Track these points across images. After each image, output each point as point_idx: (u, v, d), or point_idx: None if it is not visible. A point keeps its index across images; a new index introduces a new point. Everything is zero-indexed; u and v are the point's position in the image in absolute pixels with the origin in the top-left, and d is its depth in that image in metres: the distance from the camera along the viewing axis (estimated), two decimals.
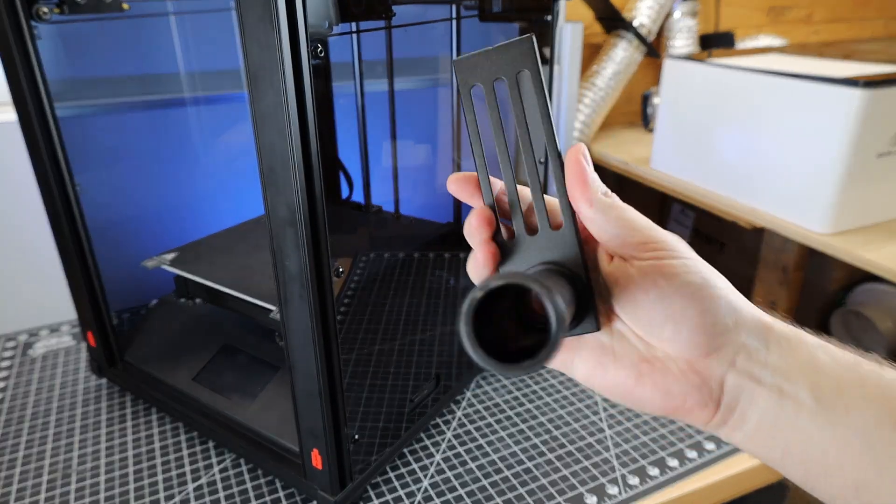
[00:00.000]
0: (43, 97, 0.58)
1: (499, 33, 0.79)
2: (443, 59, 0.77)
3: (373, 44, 0.75)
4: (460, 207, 0.84)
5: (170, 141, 0.85)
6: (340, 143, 0.85)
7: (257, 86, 0.39)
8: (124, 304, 0.81)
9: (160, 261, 0.71)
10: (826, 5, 1.61)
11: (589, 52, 1.32)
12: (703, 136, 1.04)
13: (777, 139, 0.91)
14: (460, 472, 0.59)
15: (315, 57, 0.39)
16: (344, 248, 0.49)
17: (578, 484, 0.58)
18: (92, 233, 0.64)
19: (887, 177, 0.88)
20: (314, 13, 0.38)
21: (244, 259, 0.72)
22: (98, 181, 0.67)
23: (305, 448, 0.52)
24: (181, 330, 0.74)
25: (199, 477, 0.60)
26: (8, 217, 0.81)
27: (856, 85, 0.80)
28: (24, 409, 0.70)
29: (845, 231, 0.88)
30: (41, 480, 0.60)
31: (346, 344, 0.50)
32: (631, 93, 1.37)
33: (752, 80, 0.93)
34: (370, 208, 0.85)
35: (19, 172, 0.72)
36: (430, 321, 0.67)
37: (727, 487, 0.60)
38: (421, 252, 0.76)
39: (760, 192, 0.96)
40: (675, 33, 1.33)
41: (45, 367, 0.77)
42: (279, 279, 0.45)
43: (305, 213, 0.41)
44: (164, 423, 0.67)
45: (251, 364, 0.67)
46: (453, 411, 0.68)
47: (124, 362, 0.71)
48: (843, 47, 1.19)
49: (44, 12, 0.56)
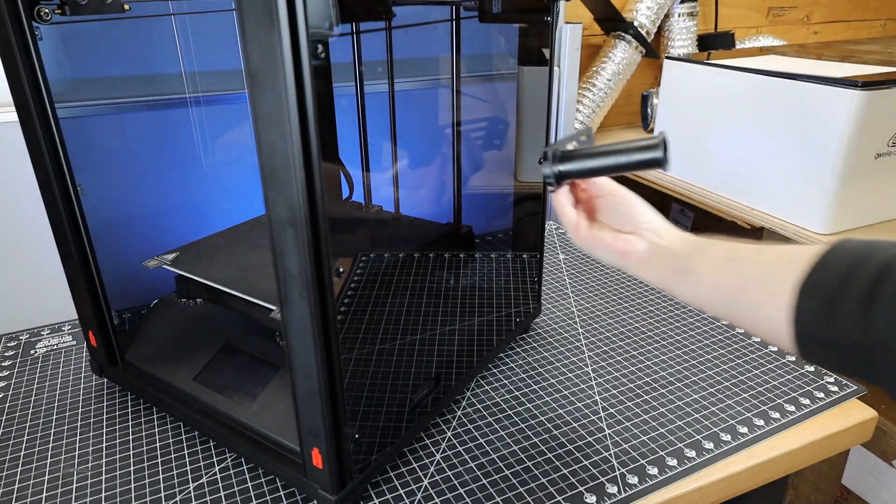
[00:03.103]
0: (44, 98, 0.58)
1: (499, 34, 0.79)
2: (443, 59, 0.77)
3: (373, 44, 0.76)
4: (460, 208, 0.84)
5: (171, 141, 0.85)
6: (340, 143, 0.85)
7: (258, 86, 0.39)
8: (125, 304, 0.81)
9: (161, 261, 0.71)
10: (825, 6, 1.61)
11: (588, 53, 1.32)
12: (703, 137, 1.04)
13: (776, 140, 0.92)
14: (460, 471, 0.60)
15: (315, 57, 0.39)
16: (344, 248, 0.50)
17: (578, 483, 0.58)
18: (93, 233, 0.64)
19: (885, 177, 0.88)
20: (314, 14, 0.38)
21: (245, 259, 0.72)
22: (99, 181, 0.67)
23: (306, 447, 0.52)
24: (182, 330, 0.74)
25: (200, 476, 0.60)
26: (9, 217, 0.81)
27: (854, 86, 0.80)
28: (25, 409, 0.70)
29: (843, 231, 0.88)
30: (42, 480, 0.60)
31: (346, 344, 0.50)
32: (630, 93, 1.38)
33: (750, 81, 0.94)
34: (370, 208, 0.85)
35: (20, 173, 0.72)
36: (430, 321, 0.68)
37: (726, 487, 0.60)
38: (421, 252, 0.76)
39: (759, 193, 0.96)
40: (674, 34, 1.33)
41: (46, 367, 0.77)
42: (279, 279, 0.45)
43: (306, 213, 0.42)
44: (164, 422, 0.67)
45: (252, 364, 0.67)
46: (453, 411, 0.68)
47: (125, 362, 0.71)
48: (841, 48, 1.19)
49: (45, 13, 0.56)
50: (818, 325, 0.39)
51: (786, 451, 0.63)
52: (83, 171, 0.62)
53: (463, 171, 0.82)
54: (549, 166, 0.51)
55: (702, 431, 0.64)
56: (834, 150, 0.83)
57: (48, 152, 0.59)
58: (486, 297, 0.76)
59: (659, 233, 0.52)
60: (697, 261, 0.49)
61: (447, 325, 0.69)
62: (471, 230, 0.84)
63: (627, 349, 0.79)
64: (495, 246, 0.84)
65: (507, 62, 0.75)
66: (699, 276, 0.48)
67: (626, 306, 0.89)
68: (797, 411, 0.67)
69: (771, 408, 0.68)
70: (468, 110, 0.79)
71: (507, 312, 0.77)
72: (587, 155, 0.51)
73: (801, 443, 0.63)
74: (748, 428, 0.65)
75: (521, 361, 0.77)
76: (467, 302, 0.75)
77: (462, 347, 0.70)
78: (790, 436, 0.64)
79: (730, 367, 0.75)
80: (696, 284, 0.49)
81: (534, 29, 0.70)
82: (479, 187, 0.85)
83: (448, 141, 0.81)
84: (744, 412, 0.67)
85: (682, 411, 0.67)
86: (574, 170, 0.51)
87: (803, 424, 0.66)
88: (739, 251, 0.47)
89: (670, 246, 0.51)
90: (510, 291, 0.79)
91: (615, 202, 0.54)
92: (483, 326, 0.74)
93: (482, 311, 0.75)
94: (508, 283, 0.80)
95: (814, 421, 0.66)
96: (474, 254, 0.84)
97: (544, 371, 0.74)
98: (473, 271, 0.82)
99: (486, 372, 0.75)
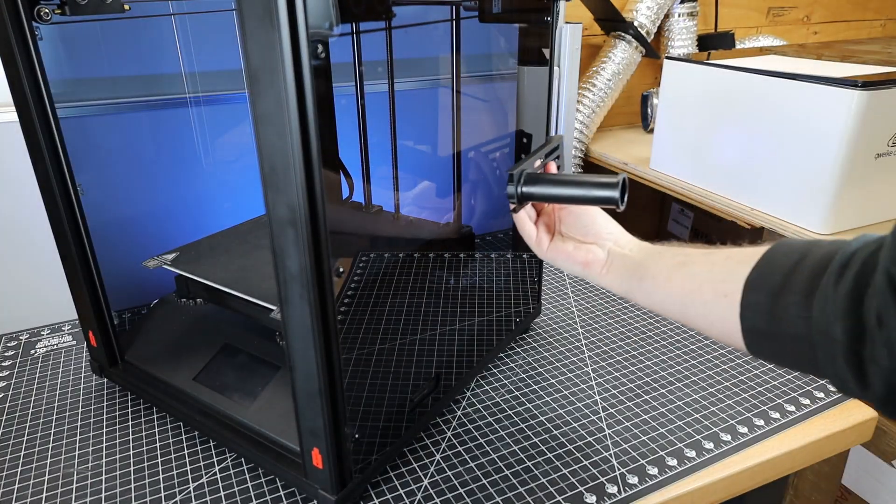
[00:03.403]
0: (44, 98, 0.58)
1: (499, 34, 0.79)
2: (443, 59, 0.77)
3: (373, 44, 0.76)
4: (460, 207, 0.84)
5: (170, 141, 0.85)
6: (340, 143, 0.85)
7: (258, 86, 0.39)
8: (125, 304, 0.81)
9: (161, 261, 0.71)
10: (825, 6, 1.61)
11: (588, 53, 1.32)
12: (703, 137, 1.04)
13: (776, 140, 0.92)
14: (460, 471, 0.60)
15: (315, 57, 0.39)
16: (344, 248, 0.50)
17: (578, 483, 0.58)
18: (93, 233, 0.64)
19: (885, 177, 0.88)
20: (315, 13, 0.38)
21: (244, 259, 0.72)
22: (99, 181, 0.67)
23: (306, 447, 0.52)
24: (182, 330, 0.74)
25: (200, 476, 0.60)
26: (9, 217, 0.81)
27: (854, 86, 0.80)
28: (26, 409, 0.70)
29: (844, 231, 0.88)
30: (42, 480, 0.60)
31: (346, 344, 0.50)
32: (630, 93, 1.38)
33: (750, 81, 0.94)
34: (370, 208, 0.85)
35: (20, 173, 0.72)
36: (430, 321, 0.68)
37: (726, 487, 0.60)
38: (421, 252, 0.76)
39: (759, 193, 0.96)
40: (674, 34, 1.33)
41: (47, 367, 0.77)
42: (280, 279, 0.45)
43: (306, 213, 0.42)
44: (164, 422, 0.67)
45: (252, 364, 0.67)
46: (453, 411, 0.68)
47: (125, 362, 0.71)
48: (841, 48, 1.19)
49: (45, 13, 0.56)
50: (764, 319, 0.40)
51: (786, 451, 0.63)
52: (83, 171, 0.62)
53: (463, 171, 0.82)
54: (513, 187, 0.55)
55: (702, 431, 0.64)
56: (834, 150, 0.83)
57: (48, 152, 0.59)
58: (487, 297, 0.76)
59: (618, 241, 0.55)
60: (652, 266, 0.51)
61: (447, 325, 0.69)
62: (471, 230, 0.84)
63: (627, 349, 0.79)
64: (495, 246, 0.84)
65: (507, 62, 0.75)
66: (653, 280, 0.50)
67: (626, 306, 0.89)
68: (797, 411, 0.67)
69: (771, 408, 0.68)
70: (468, 110, 0.79)
71: (507, 312, 0.77)
72: (550, 181, 0.55)
73: (801, 443, 0.63)
74: (748, 428, 0.65)
75: (521, 361, 0.77)
76: (467, 302, 0.75)
77: (462, 347, 0.70)
78: (790, 436, 0.64)
79: (730, 367, 0.75)
80: (651, 289, 0.51)
81: (534, 29, 0.70)
82: (479, 187, 0.85)
83: (448, 141, 0.81)
84: (744, 412, 0.67)
85: (682, 411, 0.67)
86: (535, 193, 0.56)
87: (803, 424, 0.66)
88: (690, 255, 0.49)
89: (628, 253, 0.54)
90: (510, 291, 0.79)
91: (578, 213, 0.57)
92: (483, 326, 0.74)
93: (482, 311, 0.75)
94: (508, 283, 0.80)
95: (814, 421, 0.66)
96: (474, 254, 0.84)
97: (544, 371, 0.74)
98: (473, 271, 0.82)
99: (486, 372, 0.75)
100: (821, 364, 0.37)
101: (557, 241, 0.58)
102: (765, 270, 0.41)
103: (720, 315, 0.44)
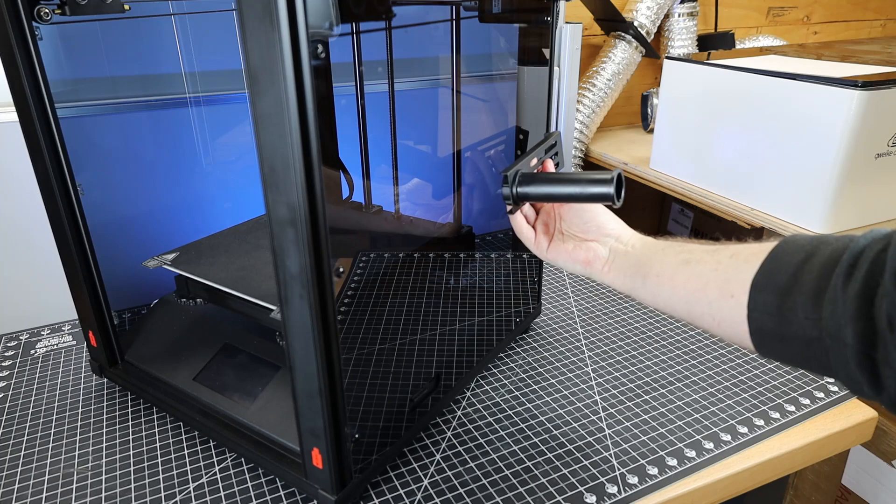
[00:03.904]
0: (44, 98, 0.58)
1: (499, 34, 0.79)
2: (443, 59, 0.77)
3: (373, 44, 0.76)
4: (460, 208, 0.84)
5: (170, 141, 0.85)
6: (340, 143, 0.85)
7: (258, 86, 0.39)
8: (125, 304, 0.81)
9: (161, 261, 0.71)
10: (825, 6, 1.61)
11: (588, 53, 1.32)
12: (703, 137, 1.04)
13: (776, 140, 0.92)
14: (460, 471, 0.60)
15: (315, 57, 0.39)
16: (344, 248, 0.50)
17: (578, 483, 0.58)
18: (93, 233, 0.64)
19: (885, 177, 0.88)
20: (315, 13, 0.38)
21: (244, 259, 0.72)
22: (99, 181, 0.67)
23: (306, 447, 0.52)
24: (182, 330, 0.74)
25: (200, 476, 0.60)
26: (9, 217, 0.81)
27: (854, 86, 0.80)
28: (26, 409, 0.70)
29: (844, 231, 0.88)
30: (42, 480, 0.60)
31: (346, 344, 0.50)
32: (630, 93, 1.38)
33: (750, 81, 0.94)
34: (370, 208, 0.85)
35: (20, 173, 0.72)
36: (430, 321, 0.68)
37: (726, 487, 0.60)
38: (421, 252, 0.76)
39: (759, 193, 0.96)
40: (674, 34, 1.33)
41: (46, 367, 0.77)
42: (279, 279, 0.45)
43: (306, 213, 0.42)
44: (164, 422, 0.67)
45: (252, 364, 0.67)
46: (453, 411, 0.68)
47: (125, 362, 0.71)
48: (841, 48, 1.19)
49: (45, 13, 0.56)
50: (773, 320, 0.39)
51: (786, 451, 0.63)
52: (83, 171, 0.62)
53: (463, 171, 0.82)
54: (508, 188, 0.55)
55: (702, 431, 0.64)
56: (834, 150, 0.83)
57: (48, 152, 0.59)
58: (487, 297, 0.76)
59: (620, 238, 0.54)
60: (656, 264, 0.50)
61: (447, 325, 0.69)
62: (471, 230, 0.84)
63: (627, 349, 0.79)
64: (495, 246, 0.84)
65: (507, 62, 0.75)
66: (657, 279, 0.49)
67: (626, 306, 0.89)
68: (797, 411, 0.67)
69: (771, 408, 0.68)
70: (468, 110, 0.79)
71: (507, 312, 0.77)
72: (546, 180, 0.55)
73: (801, 443, 0.63)
74: (748, 428, 0.65)
75: (521, 361, 0.77)
76: (467, 302, 0.75)
77: (462, 347, 0.70)
78: (790, 436, 0.64)
79: (730, 367, 0.75)
80: (655, 287, 0.50)
81: (534, 29, 0.70)
82: (479, 187, 0.85)
83: (448, 141, 0.81)
84: (744, 412, 0.67)
85: (682, 411, 0.67)
86: (531, 193, 0.55)
87: (803, 424, 0.66)
88: (695, 252, 0.48)
89: (631, 251, 0.53)
90: (510, 291, 0.79)
91: (578, 211, 0.56)
92: (483, 326, 0.74)
93: (482, 311, 0.75)
94: (508, 283, 0.80)
95: (814, 421, 0.66)
96: (474, 254, 0.84)
97: (544, 371, 0.74)
98: (473, 271, 0.82)
99: (486, 372, 0.75)
100: (833, 367, 0.37)
101: (557, 241, 0.57)
102: (771, 270, 0.40)
103: (727, 315, 0.43)
